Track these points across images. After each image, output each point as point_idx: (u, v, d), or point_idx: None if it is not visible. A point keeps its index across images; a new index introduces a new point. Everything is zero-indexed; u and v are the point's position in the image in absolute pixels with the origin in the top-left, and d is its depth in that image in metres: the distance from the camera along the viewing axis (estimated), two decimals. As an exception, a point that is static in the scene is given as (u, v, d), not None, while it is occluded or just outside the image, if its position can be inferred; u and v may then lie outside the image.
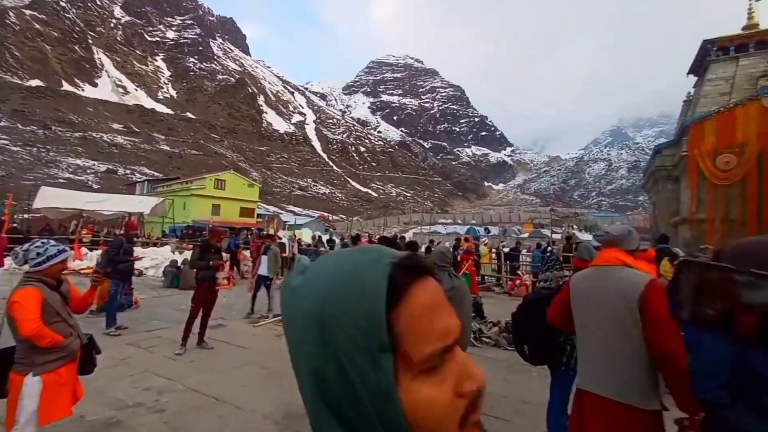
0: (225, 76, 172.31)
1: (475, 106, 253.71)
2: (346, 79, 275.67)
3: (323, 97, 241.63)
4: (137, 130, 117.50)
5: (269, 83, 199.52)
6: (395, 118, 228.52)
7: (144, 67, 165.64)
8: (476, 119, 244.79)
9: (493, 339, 6.97)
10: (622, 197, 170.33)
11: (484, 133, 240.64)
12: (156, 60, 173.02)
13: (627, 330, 2.11)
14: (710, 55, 22.19)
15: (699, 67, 23.86)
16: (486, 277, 14.74)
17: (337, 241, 19.81)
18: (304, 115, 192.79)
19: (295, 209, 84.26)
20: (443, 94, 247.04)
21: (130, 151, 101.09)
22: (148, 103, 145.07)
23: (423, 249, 11.69)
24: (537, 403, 3.55)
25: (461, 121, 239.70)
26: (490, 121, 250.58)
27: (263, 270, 8.33)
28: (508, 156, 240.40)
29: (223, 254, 8.91)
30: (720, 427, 1.56)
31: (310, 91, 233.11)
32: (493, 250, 16.11)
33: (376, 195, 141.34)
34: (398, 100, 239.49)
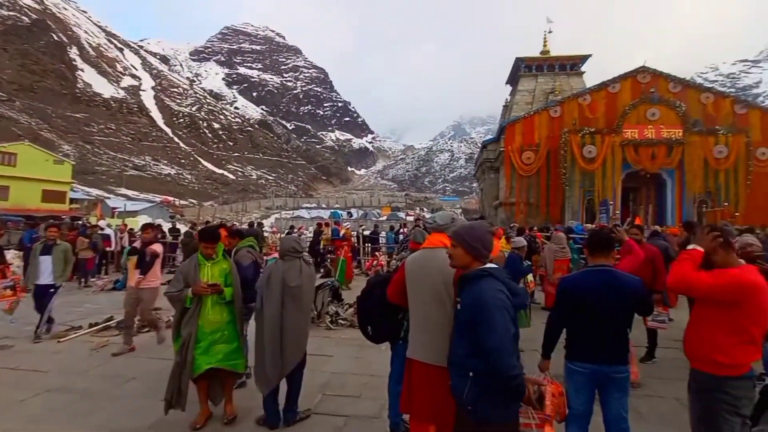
0: (13, 13, 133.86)
1: (338, 90, 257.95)
2: (195, 43, 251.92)
3: (165, 60, 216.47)
4: None
5: (86, 33, 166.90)
6: (255, 94, 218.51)
7: None
8: (340, 104, 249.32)
9: (349, 320, 7.43)
10: (461, 184, 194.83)
11: (347, 119, 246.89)
12: None
13: (444, 303, 2.44)
14: (521, 70, 28.78)
15: (513, 79, 30.57)
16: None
17: (184, 229, 18.44)
18: (139, 79, 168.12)
19: (129, 193, 74.25)
20: (306, 74, 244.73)
21: None
22: None
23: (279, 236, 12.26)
24: (383, 375, 3.78)
25: (325, 105, 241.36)
26: (353, 107, 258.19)
27: (45, 276, 6.43)
28: (369, 143, 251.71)
29: (6, 254, 7.51)
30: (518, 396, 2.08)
31: (146, 51, 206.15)
32: (353, 233, 16.61)
33: (234, 177, 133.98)
34: (258, 75, 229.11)
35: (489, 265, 2.23)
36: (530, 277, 7.37)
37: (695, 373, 2.67)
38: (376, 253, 15.53)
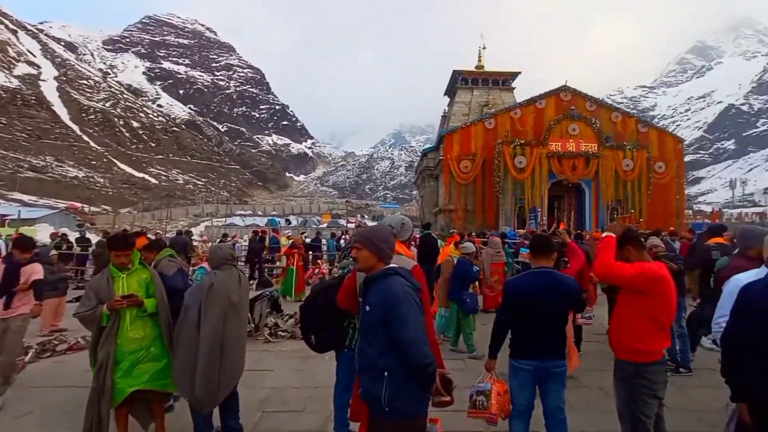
0: None
1: (276, 93, 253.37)
2: (110, 32, 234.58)
3: (72, 47, 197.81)
4: None
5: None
6: (181, 92, 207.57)
7: None
8: (277, 107, 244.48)
9: (290, 331, 7.24)
10: (401, 191, 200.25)
11: (285, 123, 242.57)
12: None
13: None
14: (458, 82, 31.17)
15: (451, 91, 32.94)
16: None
17: (95, 239, 17.31)
18: (38, 67, 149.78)
19: (25, 198, 66.60)
20: (241, 74, 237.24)
21: None
22: None
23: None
24: (328, 386, 3.70)
25: (261, 107, 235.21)
26: (292, 111, 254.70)
27: None
28: (309, 148, 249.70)
29: None
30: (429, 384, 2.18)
31: (48, 36, 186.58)
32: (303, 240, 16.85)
33: (156, 182, 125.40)
34: (185, 72, 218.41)
35: (392, 264, 2.35)
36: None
37: (620, 363, 2.96)
38: (318, 261, 15.67)
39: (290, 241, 13.86)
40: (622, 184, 24.63)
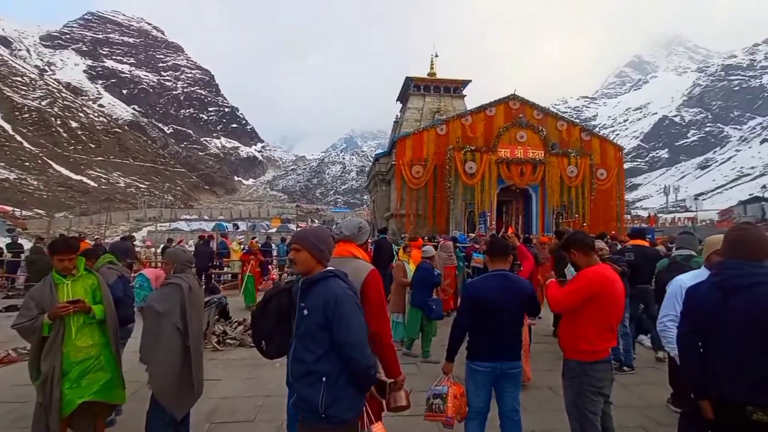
0: None
1: (225, 95, 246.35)
2: (48, 27, 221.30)
3: (5, 42, 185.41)
4: None
5: None
6: (125, 91, 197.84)
7: None
8: (226, 109, 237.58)
9: (238, 339, 7.09)
10: (353, 196, 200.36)
11: (234, 125, 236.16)
12: None
13: None
14: (410, 89, 31.33)
15: (404, 97, 33.09)
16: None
17: (28, 245, 16.51)
18: None
19: None
20: (189, 75, 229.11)
21: None
22: None
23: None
24: (280, 395, 3.63)
25: (210, 109, 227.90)
26: (241, 114, 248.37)
27: None
28: (259, 152, 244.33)
29: None
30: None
31: None
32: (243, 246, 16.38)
33: (96, 185, 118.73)
34: (129, 71, 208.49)
35: (329, 267, 2.31)
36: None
37: (567, 362, 3.06)
38: (269, 267, 15.45)
39: (242, 246, 13.62)
40: (567, 189, 25.48)
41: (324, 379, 2.11)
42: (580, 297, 2.96)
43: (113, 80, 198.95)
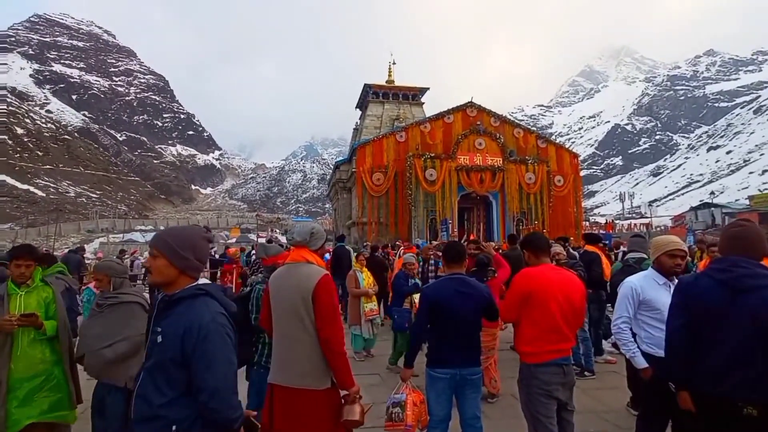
0: None
1: (181, 101, 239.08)
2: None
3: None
4: None
5: None
6: (74, 97, 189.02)
7: None
8: (182, 116, 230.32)
9: None
10: (314, 204, 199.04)
11: (191, 133, 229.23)
12: None
13: (303, 320, 2.37)
14: (369, 96, 31.14)
15: (363, 104, 32.88)
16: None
17: None
18: None
19: None
20: (142, 80, 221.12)
21: None
22: None
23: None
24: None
25: (165, 116, 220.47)
26: (198, 121, 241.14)
27: None
28: (217, 159, 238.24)
29: None
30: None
31: None
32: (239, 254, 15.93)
33: (44, 194, 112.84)
34: (79, 76, 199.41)
35: (202, 281, 1.87)
36: (417, 297, 5.92)
37: (520, 366, 3.06)
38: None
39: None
40: (526, 196, 25.79)
41: (174, 428, 1.65)
42: (516, 299, 2.99)
43: (62, 85, 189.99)
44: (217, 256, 16.27)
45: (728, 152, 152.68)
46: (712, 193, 72.11)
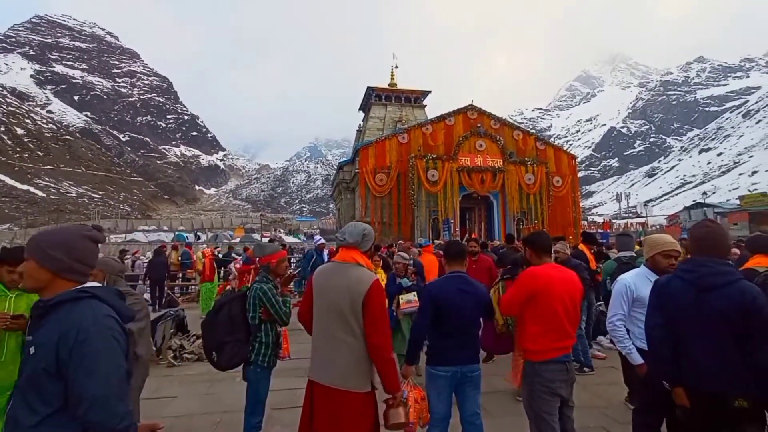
0: None
1: (185, 102, 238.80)
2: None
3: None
4: None
5: None
6: (76, 98, 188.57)
7: None
8: (186, 117, 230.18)
9: (196, 353, 6.81)
10: (318, 204, 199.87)
11: (194, 133, 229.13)
12: None
13: (349, 322, 2.35)
14: (372, 98, 31.44)
15: (366, 106, 33.17)
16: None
17: None
18: None
19: None
20: (146, 82, 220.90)
21: None
22: None
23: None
24: (239, 410, 3.48)
25: (168, 117, 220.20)
26: (202, 122, 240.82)
27: None
28: (221, 160, 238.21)
29: None
30: None
31: None
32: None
33: (44, 195, 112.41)
34: (81, 77, 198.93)
35: (91, 283, 1.67)
36: (411, 296, 5.65)
37: (524, 363, 3.05)
38: (229, 277, 14.90)
39: (242, 257, 12.48)
40: (526, 196, 26.11)
41: None
42: (521, 296, 2.98)
43: (63, 86, 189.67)
44: (220, 256, 16.55)
45: (719, 154, 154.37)
46: (705, 193, 73.17)
